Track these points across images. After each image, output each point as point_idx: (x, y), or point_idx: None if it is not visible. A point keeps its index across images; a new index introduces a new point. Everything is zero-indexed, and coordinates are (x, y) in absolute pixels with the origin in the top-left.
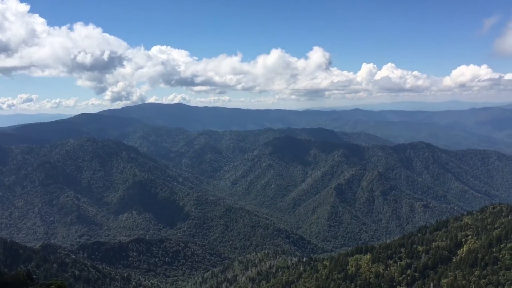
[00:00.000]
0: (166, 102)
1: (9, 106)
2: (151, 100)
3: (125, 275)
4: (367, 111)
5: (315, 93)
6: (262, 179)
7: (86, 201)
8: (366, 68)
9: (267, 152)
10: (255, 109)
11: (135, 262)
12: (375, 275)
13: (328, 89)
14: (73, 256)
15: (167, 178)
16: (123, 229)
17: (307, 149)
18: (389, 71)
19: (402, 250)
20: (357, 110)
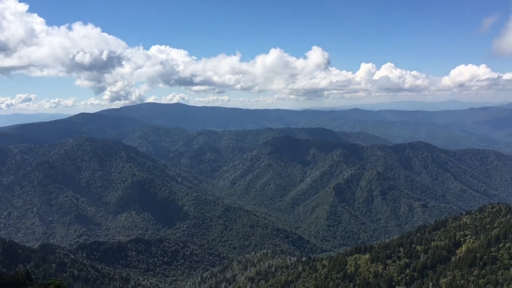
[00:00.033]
0: (165, 102)
1: (8, 106)
2: (150, 99)
3: (124, 275)
4: (366, 111)
5: (314, 92)
6: (261, 179)
7: (85, 201)
8: (365, 68)
9: (266, 152)
10: (254, 108)
11: (134, 262)
12: (374, 274)
13: (327, 88)
14: (72, 256)
15: (166, 178)
16: (122, 229)
17: (306, 148)
18: (388, 71)
19: (401, 249)
20: (356, 110)
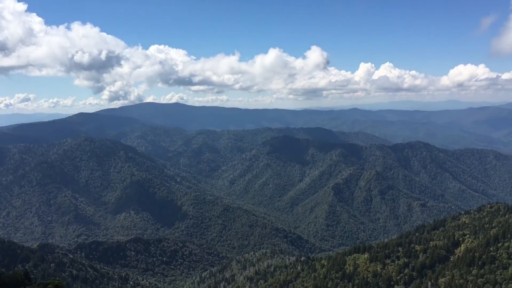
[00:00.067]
0: (164, 102)
1: (7, 105)
2: (149, 99)
3: (123, 274)
4: (365, 110)
5: (313, 92)
6: (260, 179)
7: (84, 200)
8: (364, 67)
9: (265, 152)
10: (253, 108)
11: (133, 261)
12: (372, 274)
13: (326, 88)
14: (71, 256)
15: (165, 178)
16: (121, 229)
17: (305, 148)
18: (387, 71)
19: (400, 249)
20: (355, 109)
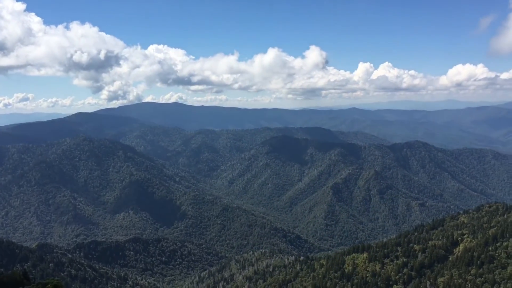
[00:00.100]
0: (163, 101)
1: (5, 105)
2: (148, 99)
3: (122, 274)
4: (363, 110)
5: (312, 92)
6: (259, 178)
7: (83, 200)
8: (362, 67)
9: (264, 151)
10: (252, 108)
11: (132, 261)
12: (371, 274)
13: (324, 88)
14: (70, 256)
15: (164, 178)
16: (119, 229)
17: (304, 148)
18: (385, 70)
19: (399, 249)
20: (354, 109)
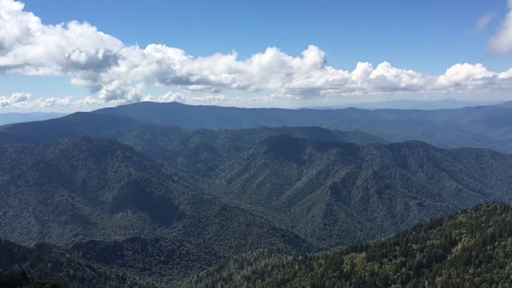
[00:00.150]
0: (161, 101)
1: (3, 105)
2: (146, 99)
3: (120, 274)
4: (362, 110)
5: (310, 92)
6: (258, 178)
7: (81, 200)
8: (361, 67)
9: (262, 151)
10: (251, 108)
11: (130, 261)
12: (370, 273)
13: (323, 88)
14: (68, 255)
15: (162, 177)
16: (118, 228)
17: (302, 148)
18: (384, 70)
19: (397, 248)
20: (352, 109)
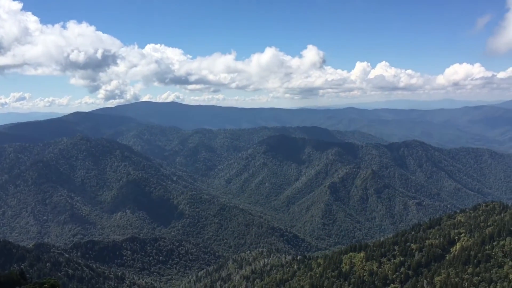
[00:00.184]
0: (160, 101)
1: (2, 104)
2: (145, 98)
3: (119, 274)
4: (361, 109)
5: (309, 91)
6: (256, 178)
7: (80, 200)
8: (360, 66)
9: (261, 151)
10: (249, 107)
11: (129, 261)
12: (369, 273)
13: (322, 87)
14: (67, 255)
15: (161, 177)
16: (117, 228)
17: (301, 147)
18: (383, 70)
19: (396, 248)
20: (351, 108)
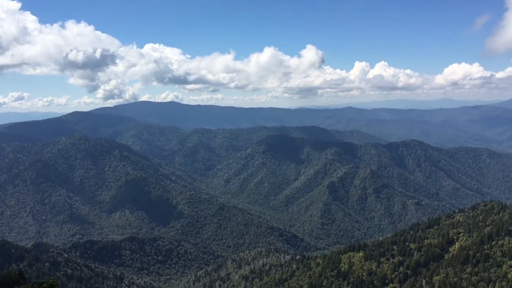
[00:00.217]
0: (159, 101)
1: (0, 104)
2: (144, 98)
3: (118, 274)
4: (360, 109)
5: (308, 91)
6: (255, 177)
7: (79, 199)
8: (359, 66)
9: (260, 150)
10: (248, 107)
11: (128, 261)
12: (367, 272)
13: (321, 87)
14: (66, 255)
15: (160, 177)
16: (115, 228)
17: (300, 147)
18: (381, 70)
19: (395, 247)
20: (350, 108)
